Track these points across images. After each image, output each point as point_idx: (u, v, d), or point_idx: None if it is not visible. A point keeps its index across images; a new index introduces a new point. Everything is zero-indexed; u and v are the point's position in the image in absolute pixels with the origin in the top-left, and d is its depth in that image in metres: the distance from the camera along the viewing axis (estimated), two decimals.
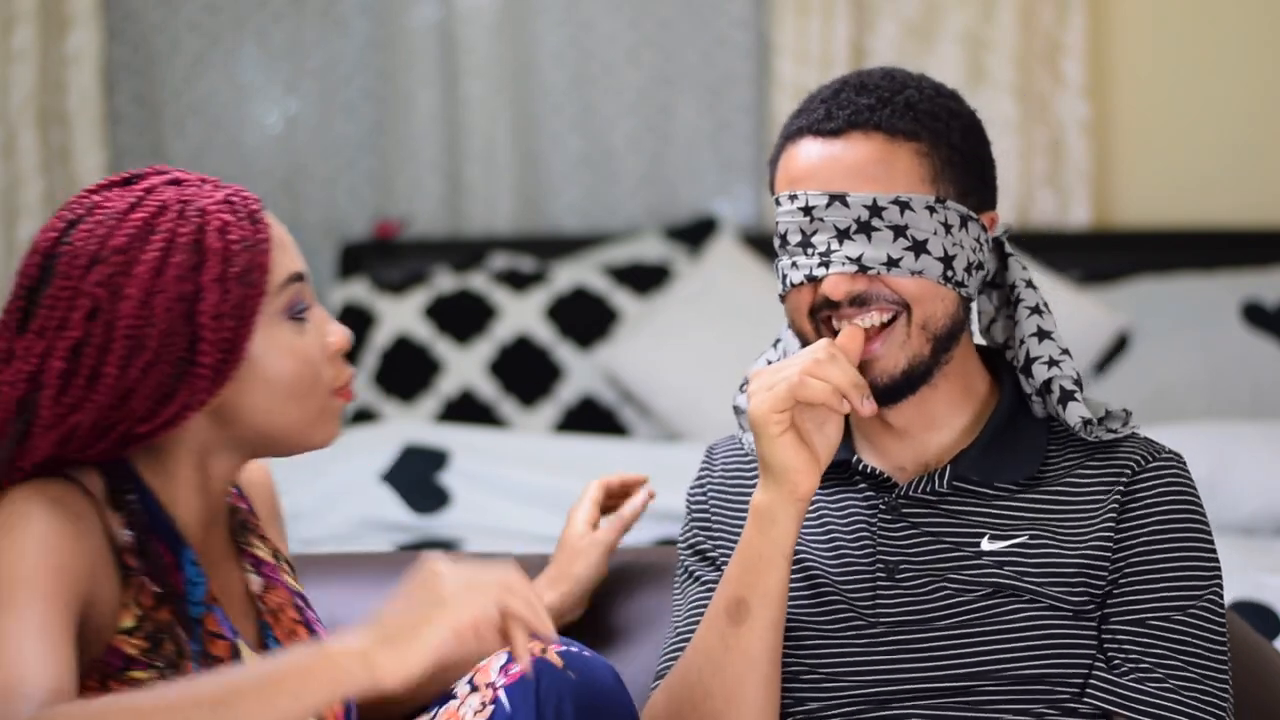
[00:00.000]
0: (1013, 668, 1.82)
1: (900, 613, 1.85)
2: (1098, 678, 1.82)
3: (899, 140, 1.85)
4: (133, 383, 1.64)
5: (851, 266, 1.83)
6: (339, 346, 1.75)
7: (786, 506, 1.81)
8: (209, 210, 1.68)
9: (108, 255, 1.65)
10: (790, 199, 1.86)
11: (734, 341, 3.86)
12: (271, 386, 1.70)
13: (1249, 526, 3.29)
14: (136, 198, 1.68)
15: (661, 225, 4.29)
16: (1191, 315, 3.92)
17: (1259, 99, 4.26)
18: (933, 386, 1.89)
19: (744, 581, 1.83)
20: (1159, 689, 1.80)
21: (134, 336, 1.64)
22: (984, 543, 1.85)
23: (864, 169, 1.84)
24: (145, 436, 1.67)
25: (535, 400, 3.97)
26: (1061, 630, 1.82)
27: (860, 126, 1.85)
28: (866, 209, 1.83)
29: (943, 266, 1.84)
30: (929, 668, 1.83)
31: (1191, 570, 1.84)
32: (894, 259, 1.83)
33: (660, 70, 4.36)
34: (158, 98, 4.35)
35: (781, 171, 1.90)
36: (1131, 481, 1.86)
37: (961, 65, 4.16)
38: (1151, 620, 1.82)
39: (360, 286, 4.05)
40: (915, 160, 1.85)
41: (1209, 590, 1.84)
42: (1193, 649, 1.82)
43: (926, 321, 1.85)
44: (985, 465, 1.88)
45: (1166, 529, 1.84)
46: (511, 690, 1.74)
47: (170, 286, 1.65)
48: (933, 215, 1.84)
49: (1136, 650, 1.81)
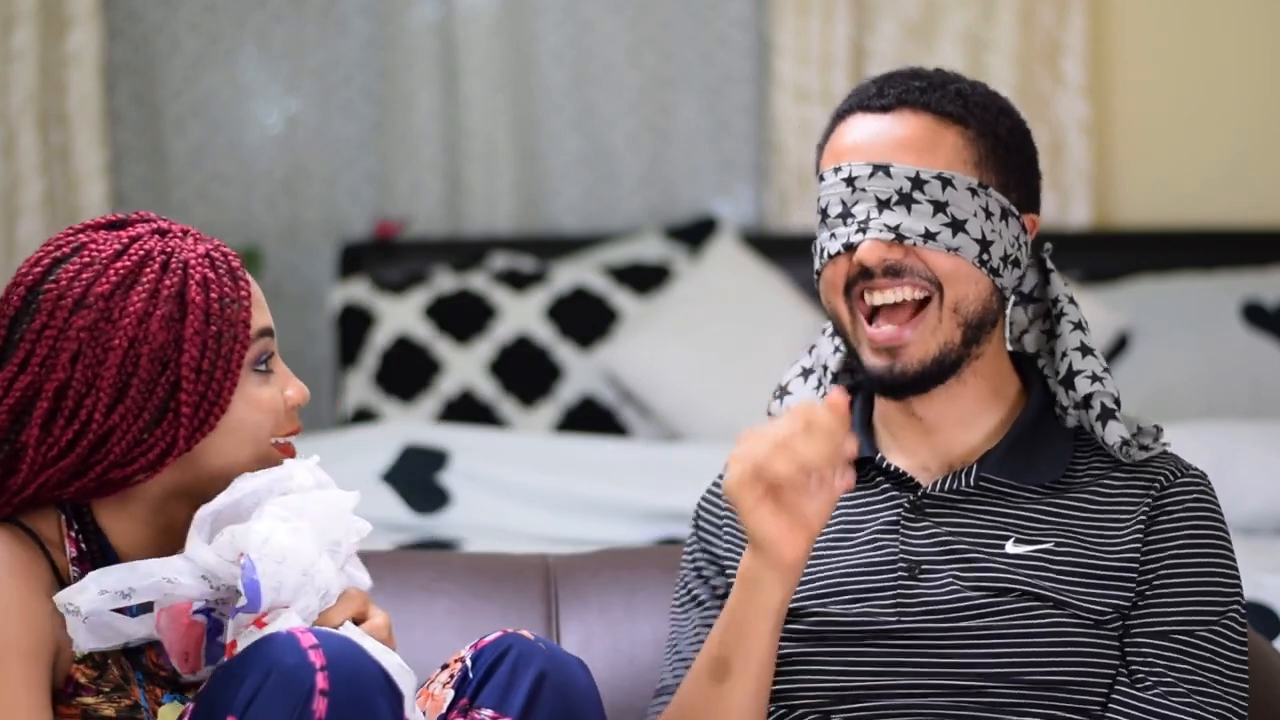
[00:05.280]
0: (1031, 672, 1.82)
1: (921, 612, 1.85)
2: (1121, 692, 1.82)
3: (947, 122, 1.87)
4: (113, 428, 1.69)
5: (889, 234, 1.84)
6: (296, 402, 1.80)
7: (771, 573, 1.79)
8: (191, 264, 1.75)
9: (93, 301, 1.70)
10: (834, 172, 1.88)
11: (734, 341, 3.86)
12: (235, 435, 1.75)
13: (1249, 526, 3.29)
14: (122, 244, 1.74)
15: (661, 225, 4.29)
16: (1191, 315, 3.92)
17: (1259, 99, 4.26)
18: (963, 382, 1.89)
19: (726, 642, 1.83)
20: (1182, 704, 1.80)
21: (117, 384, 1.69)
22: (1009, 545, 1.85)
23: (910, 143, 1.86)
24: (121, 482, 1.72)
25: (535, 400, 3.97)
26: (1082, 638, 1.82)
27: (910, 104, 1.88)
28: (909, 180, 1.84)
29: (979, 249, 1.85)
30: (948, 668, 1.83)
31: (1216, 587, 1.85)
32: (931, 232, 1.84)
33: (660, 70, 4.36)
34: (158, 98, 4.35)
35: (828, 149, 1.91)
36: (1160, 496, 1.86)
37: (961, 65, 4.15)
38: (1176, 634, 1.82)
39: (360, 286, 4.05)
40: (961, 143, 1.87)
41: (1232, 607, 1.85)
42: (1216, 665, 1.82)
43: (959, 304, 1.85)
44: (1012, 464, 1.88)
45: (1193, 544, 1.85)
46: (476, 656, 1.76)
47: (154, 337, 1.70)
48: (974, 198, 1.85)
49: (1161, 664, 1.81)
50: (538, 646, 1.76)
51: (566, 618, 2.21)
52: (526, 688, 1.73)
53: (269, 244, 4.35)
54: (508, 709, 1.73)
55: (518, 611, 2.19)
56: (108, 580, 1.66)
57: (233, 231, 4.34)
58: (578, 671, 1.77)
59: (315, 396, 4.33)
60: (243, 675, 1.60)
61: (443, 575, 2.26)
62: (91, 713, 1.69)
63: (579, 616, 2.21)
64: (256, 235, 4.35)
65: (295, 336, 4.40)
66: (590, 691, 1.77)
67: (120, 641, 1.70)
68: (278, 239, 4.38)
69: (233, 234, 4.33)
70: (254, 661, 1.61)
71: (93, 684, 1.70)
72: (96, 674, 1.70)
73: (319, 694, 1.58)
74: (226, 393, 1.73)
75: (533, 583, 2.25)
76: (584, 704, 1.76)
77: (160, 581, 1.67)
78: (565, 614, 2.21)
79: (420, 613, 2.18)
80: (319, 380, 4.34)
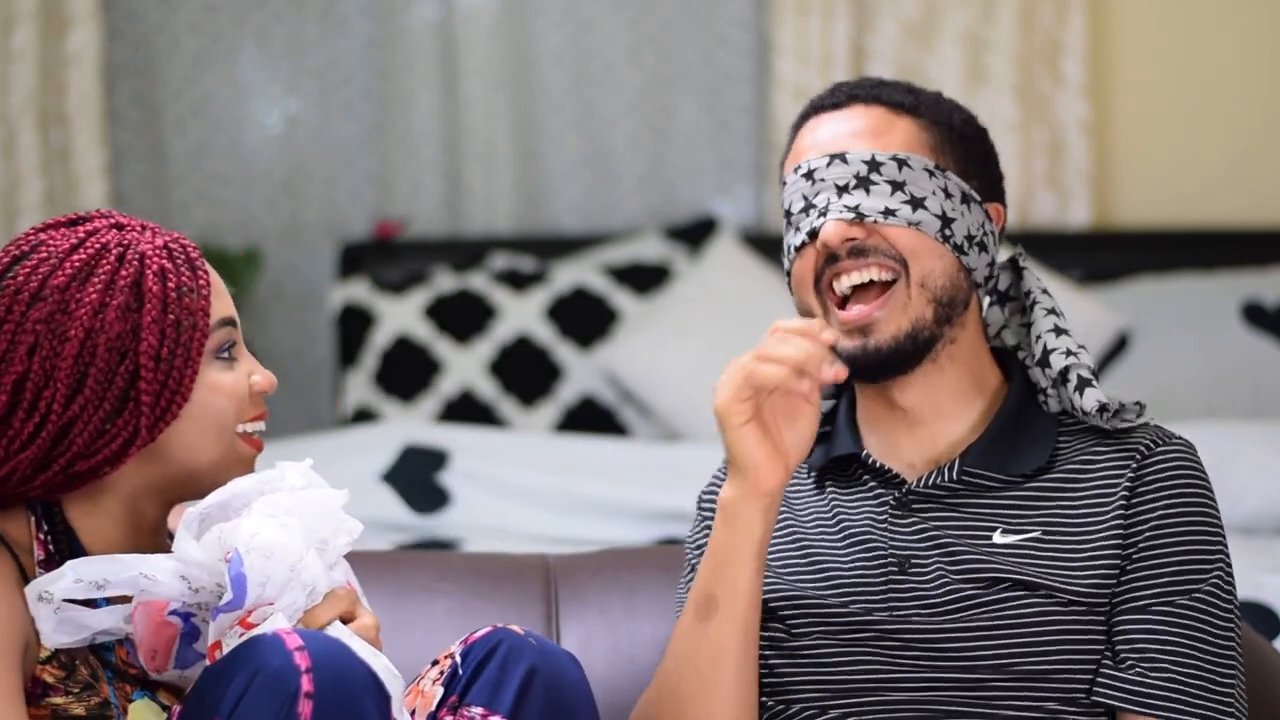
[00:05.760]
0: (1024, 662, 1.82)
1: (913, 607, 1.85)
2: (1104, 674, 1.82)
3: (899, 111, 1.91)
4: (73, 419, 1.70)
5: (849, 214, 1.86)
6: (263, 388, 1.81)
7: (752, 501, 1.81)
8: (148, 255, 1.74)
9: (49, 294, 1.71)
10: (794, 171, 1.91)
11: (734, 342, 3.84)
12: (199, 423, 1.75)
13: (1249, 526, 3.29)
14: (79, 239, 1.74)
15: (661, 225, 4.29)
16: (1191, 315, 3.92)
17: (1259, 99, 4.26)
18: (940, 369, 1.90)
19: (711, 577, 1.84)
20: (1162, 679, 1.80)
21: (74, 374, 1.70)
22: (996, 536, 1.86)
23: (863, 131, 1.90)
24: (87, 475, 1.73)
25: (535, 400, 3.97)
26: (1074, 625, 1.82)
27: (861, 99, 1.92)
28: (865, 164, 1.87)
29: (940, 224, 1.87)
30: (941, 661, 1.83)
31: (1196, 553, 1.83)
32: (891, 209, 1.86)
33: (660, 70, 4.36)
34: (158, 98, 4.35)
35: (790, 158, 1.95)
36: (1140, 466, 1.86)
37: (961, 65, 4.15)
38: (1155, 606, 1.81)
39: (360, 286, 4.05)
40: (915, 129, 1.91)
41: (1214, 573, 1.83)
42: (1198, 634, 1.81)
43: (925, 279, 1.86)
44: (995, 455, 1.89)
45: (1172, 512, 1.84)
46: (466, 653, 1.76)
47: (110, 327, 1.71)
48: (931, 178, 1.88)
49: (1142, 640, 1.81)
50: (528, 642, 1.76)
51: (566, 618, 2.21)
52: (517, 684, 1.73)
53: (269, 244, 4.35)
54: (498, 706, 1.73)
55: (518, 611, 2.19)
56: (86, 570, 1.67)
57: (233, 231, 4.34)
58: (568, 666, 1.77)
59: (315, 396, 4.34)
60: (229, 677, 1.60)
61: (443, 575, 2.26)
62: (61, 712, 1.69)
63: (579, 616, 2.21)
64: (256, 235, 4.36)
65: (295, 336, 4.40)
66: (581, 685, 1.77)
67: (86, 635, 1.70)
68: (278, 239, 4.38)
69: (233, 234, 4.33)
70: (240, 663, 1.61)
71: (61, 684, 1.70)
72: (64, 674, 1.70)
73: (304, 696, 1.58)
74: (187, 381, 1.73)
75: (533, 583, 2.25)
76: (575, 698, 1.75)
77: (137, 576, 1.67)
78: (565, 614, 2.21)
79: (420, 613, 2.18)
80: (319, 380, 4.35)
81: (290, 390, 4.36)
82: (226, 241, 4.29)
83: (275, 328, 4.39)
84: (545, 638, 1.79)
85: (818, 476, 1.97)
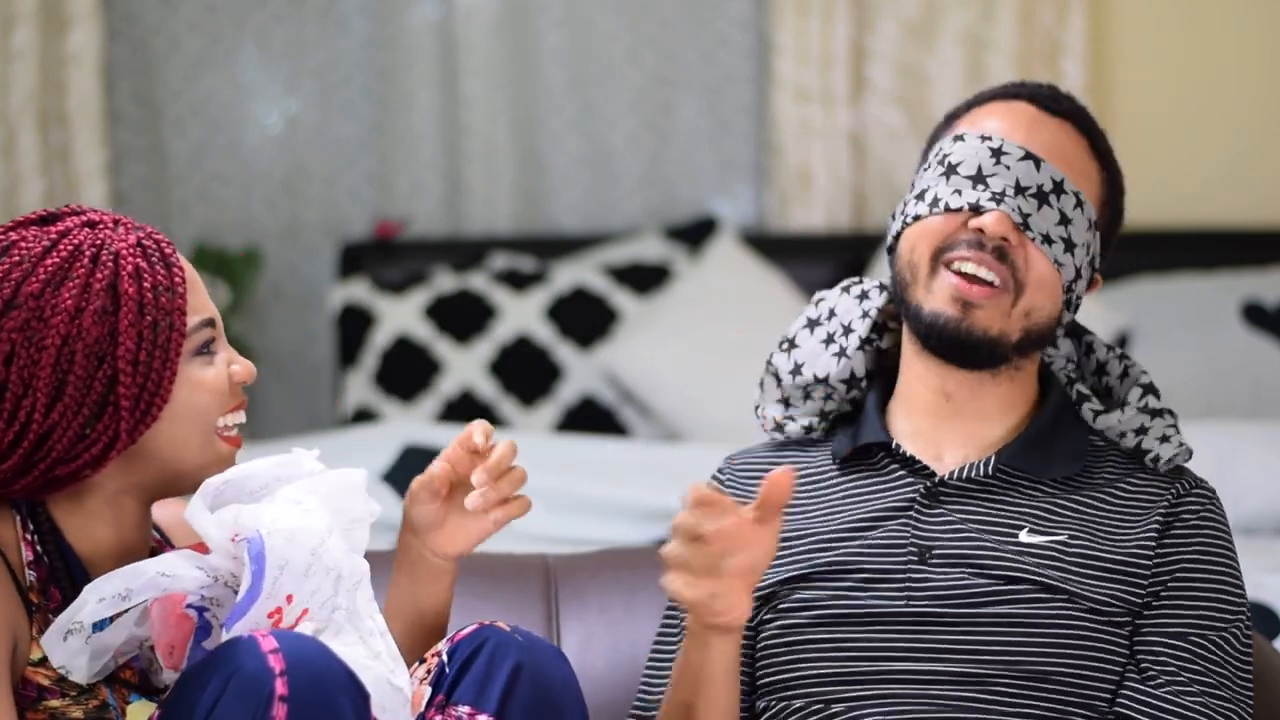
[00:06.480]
0: (1037, 662, 1.83)
1: (929, 598, 1.86)
2: (1130, 688, 1.83)
3: (1095, 161, 1.96)
4: (53, 426, 1.68)
5: (1019, 217, 1.88)
6: (242, 378, 1.79)
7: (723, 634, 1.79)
8: (123, 255, 1.72)
9: (24, 301, 1.68)
10: (980, 139, 1.92)
11: (734, 341, 3.86)
12: (180, 421, 1.73)
13: (1249, 526, 3.29)
14: (51, 240, 1.73)
15: (661, 225, 4.29)
16: (1191, 315, 3.92)
17: (1259, 99, 4.26)
18: (997, 383, 1.93)
19: (687, 690, 1.83)
20: (1193, 703, 1.82)
21: (53, 383, 1.68)
22: (1023, 535, 1.87)
23: (1066, 154, 1.93)
24: (68, 479, 1.71)
25: (535, 400, 3.97)
26: (1090, 631, 1.84)
27: (1078, 124, 1.96)
28: (1054, 182, 1.90)
29: (1074, 276, 1.91)
30: (953, 655, 1.84)
31: (1228, 597, 1.88)
32: (1049, 238, 1.89)
33: (660, 70, 4.36)
34: (158, 98, 4.35)
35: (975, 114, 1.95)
36: (1176, 502, 1.90)
37: (961, 65, 4.15)
38: (1192, 635, 1.85)
39: (360, 286, 4.05)
40: (1100, 181, 1.96)
41: (1240, 618, 1.88)
42: (1226, 670, 1.85)
43: (1031, 310, 1.89)
44: (1029, 458, 1.91)
45: (1207, 553, 1.88)
46: (452, 650, 1.76)
47: (87, 333, 1.68)
48: (1088, 230, 1.92)
49: (1175, 663, 1.83)
50: (513, 638, 1.75)
51: (566, 618, 2.21)
52: (503, 680, 1.72)
53: (269, 244, 4.35)
54: (484, 703, 1.72)
55: (518, 611, 2.19)
56: (105, 587, 1.65)
57: (233, 231, 4.34)
58: (555, 661, 1.76)
59: (315, 397, 4.34)
60: (204, 681, 1.60)
61: None
62: (60, 715, 1.69)
63: (579, 616, 2.21)
64: (256, 235, 4.36)
65: (295, 336, 4.40)
66: (569, 681, 1.76)
67: (109, 658, 1.69)
68: (278, 239, 4.38)
69: (233, 234, 4.33)
70: (216, 667, 1.60)
71: (57, 685, 1.69)
72: (60, 676, 1.69)
73: (278, 700, 1.57)
74: (166, 384, 1.71)
75: (533, 583, 2.25)
76: (562, 694, 1.74)
77: (156, 577, 1.66)
78: (565, 614, 2.21)
79: None
80: (319, 380, 4.35)
81: (290, 390, 4.36)
82: (226, 241, 4.29)
83: (275, 328, 4.39)
84: (532, 633, 1.78)
85: (841, 462, 1.98)
